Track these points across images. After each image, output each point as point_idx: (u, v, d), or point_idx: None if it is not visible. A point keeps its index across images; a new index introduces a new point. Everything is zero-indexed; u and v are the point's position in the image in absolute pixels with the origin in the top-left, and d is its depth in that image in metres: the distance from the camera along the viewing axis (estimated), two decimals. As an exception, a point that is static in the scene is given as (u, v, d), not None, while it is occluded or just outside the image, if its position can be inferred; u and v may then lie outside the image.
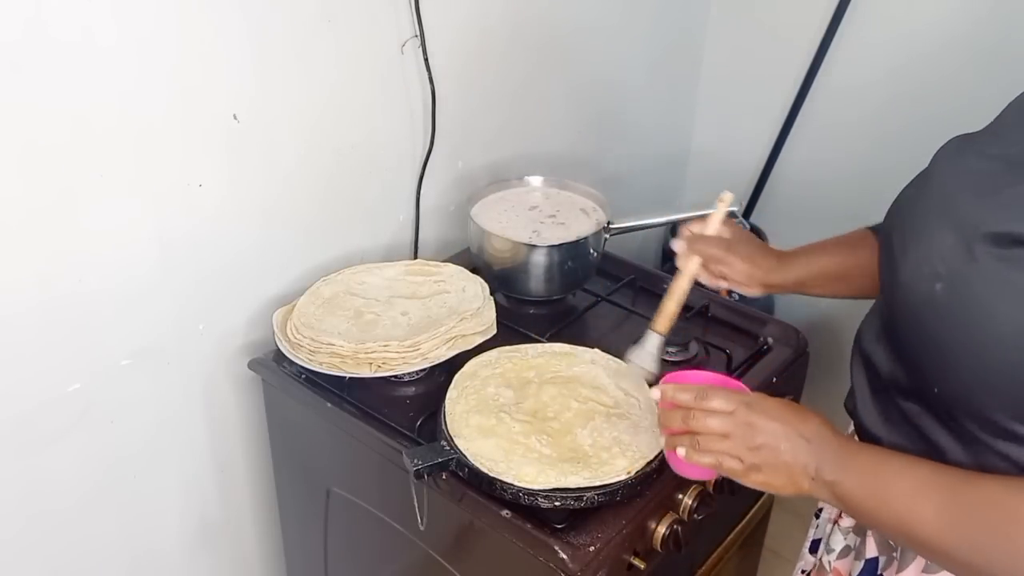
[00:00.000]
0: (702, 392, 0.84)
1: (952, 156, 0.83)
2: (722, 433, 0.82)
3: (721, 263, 1.04)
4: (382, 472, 1.11)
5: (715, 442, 0.82)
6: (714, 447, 0.82)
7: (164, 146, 1.09)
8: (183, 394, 1.24)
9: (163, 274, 1.14)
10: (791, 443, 0.79)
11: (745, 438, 0.81)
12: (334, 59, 1.24)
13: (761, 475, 0.81)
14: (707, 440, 0.83)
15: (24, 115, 0.95)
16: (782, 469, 0.80)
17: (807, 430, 0.80)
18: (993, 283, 0.70)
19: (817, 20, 1.83)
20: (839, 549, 0.97)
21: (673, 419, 0.86)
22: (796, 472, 0.79)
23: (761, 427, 0.80)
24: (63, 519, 1.17)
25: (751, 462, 0.81)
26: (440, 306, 1.24)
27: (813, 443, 0.79)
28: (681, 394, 0.85)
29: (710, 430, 0.82)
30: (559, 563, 0.92)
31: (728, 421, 0.82)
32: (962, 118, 0.97)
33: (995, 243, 0.71)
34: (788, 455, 0.79)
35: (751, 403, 0.82)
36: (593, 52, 1.72)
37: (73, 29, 0.96)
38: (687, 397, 0.85)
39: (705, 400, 0.83)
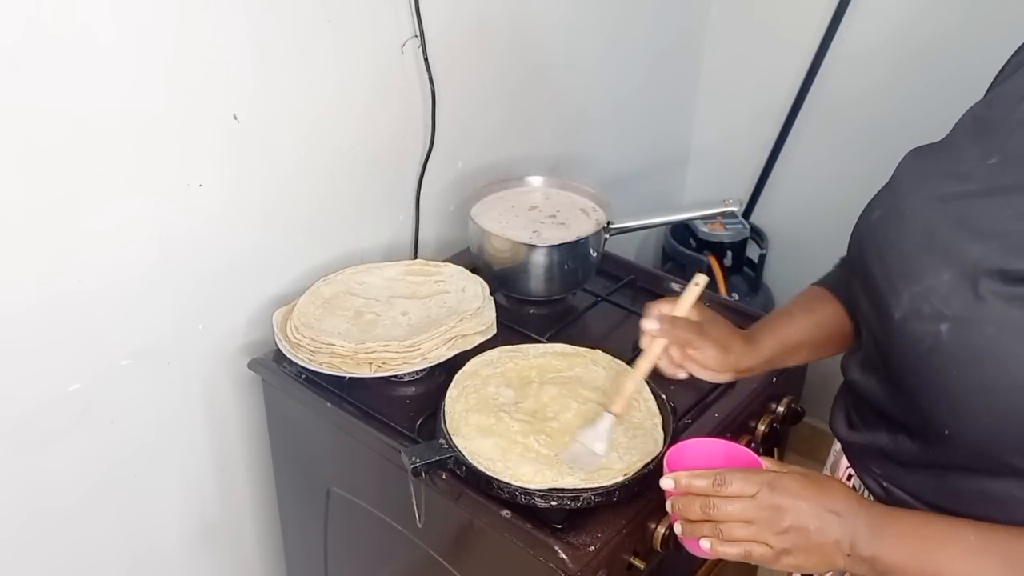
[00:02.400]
0: (720, 477, 0.80)
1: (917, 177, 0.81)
2: (745, 520, 0.78)
3: (692, 347, 0.95)
4: (382, 472, 1.11)
5: (739, 529, 0.78)
6: (739, 535, 0.78)
7: (164, 146, 1.09)
8: (183, 394, 1.25)
9: (163, 274, 1.15)
10: (820, 520, 0.76)
11: (771, 522, 0.77)
12: (334, 59, 1.24)
13: (792, 558, 0.78)
14: (730, 528, 0.79)
15: (24, 115, 0.95)
16: (815, 550, 0.77)
17: (835, 504, 0.77)
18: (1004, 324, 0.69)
19: (817, 20, 1.83)
20: None
21: (690, 507, 0.81)
22: (829, 551, 0.76)
23: (787, 508, 0.77)
24: (63, 519, 1.17)
25: (781, 547, 0.77)
26: (440, 306, 1.24)
27: (843, 517, 0.76)
28: (697, 481, 0.81)
29: (732, 517, 0.78)
30: (559, 563, 0.92)
31: (751, 506, 0.78)
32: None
33: (1002, 280, 0.69)
34: (819, 535, 0.76)
35: (773, 483, 0.78)
36: (593, 52, 1.72)
37: (73, 29, 0.96)
38: (704, 484, 0.80)
39: (724, 486, 0.79)
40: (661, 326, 0.94)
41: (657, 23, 1.86)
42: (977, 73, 1.71)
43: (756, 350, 0.97)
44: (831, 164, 1.95)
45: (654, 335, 0.94)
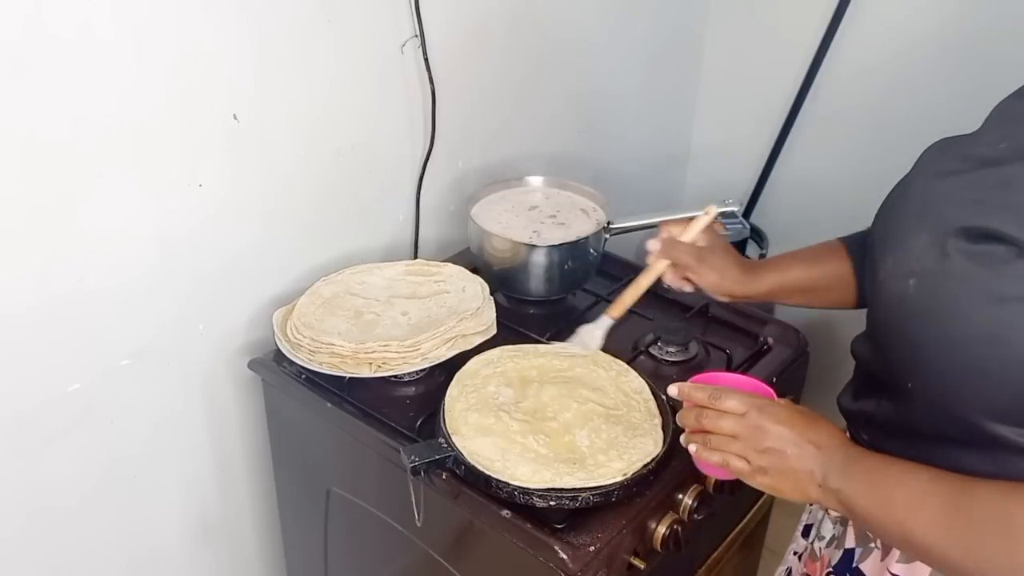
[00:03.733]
0: (716, 392, 0.85)
1: (933, 159, 0.85)
2: (731, 434, 0.84)
3: (690, 270, 1.07)
4: (382, 472, 1.11)
5: (725, 442, 0.84)
6: (723, 447, 0.84)
7: (164, 146, 1.09)
8: (183, 394, 1.25)
9: (163, 274, 1.15)
10: (799, 449, 0.80)
11: (753, 440, 0.82)
12: (334, 59, 1.24)
13: (768, 478, 0.82)
14: (717, 440, 0.85)
15: (24, 115, 0.95)
16: (789, 474, 0.81)
17: (817, 437, 0.81)
18: (963, 279, 0.71)
19: (817, 20, 1.83)
20: (828, 537, 0.98)
21: (687, 416, 0.88)
22: (803, 478, 0.80)
23: (770, 431, 0.82)
24: (63, 518, 1.17)
25: (758, 464, 0.82)
26: (440, 306, 1.24)
27: (822, 450, 0.80)
28: (696, 392, 0.87)
29: (719, 430, 0.84)
30: (559, 563, 0.92)
31: (739, 423, 0.83)
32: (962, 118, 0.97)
33: (966, 238, 0.72)
34: (795, 460, 0.80)
35: (763, 407, 0.83)
36: (593, 52, 1.73)
37: (73, 29, 0.96)
38: (702, 396, 0.86)
39: (718, 401, 0.85)
40: (663, 247, 1.07)
41: (657, 23, 1.86)
42: (978, 70, 1.72)
43: (754, 282, 1.06)
44: (831, 164, 1.95)
45: (657, 256, 1.08)
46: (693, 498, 1.06)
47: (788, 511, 1.75)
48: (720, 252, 1.08)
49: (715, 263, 1.06)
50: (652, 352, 1.26)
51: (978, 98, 0.91)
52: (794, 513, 1.76)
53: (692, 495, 1.06)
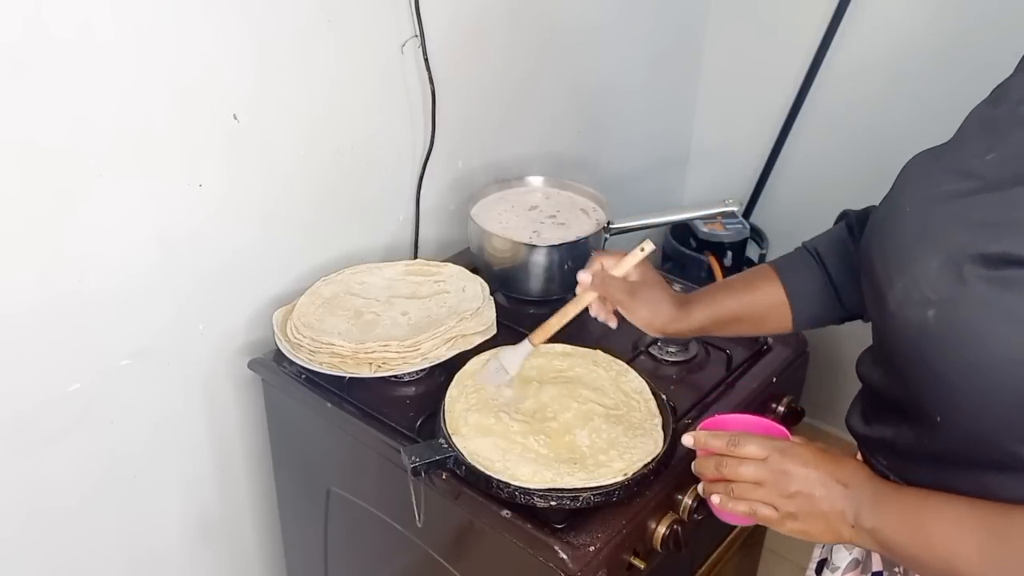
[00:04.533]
0: (735, 439, 0.83)
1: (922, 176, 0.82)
2: (755, 480, 0.81)
3: (621, 306, 1.01)
4: (382, 472, 1.11)
5: (749, 490, 0.82)
6: (748, 495, 0.82)
7: (164, 146, 1.09)
8: (183, 394, 1.25)
9: (163, 274, 1.15)
10: (827, 489, 0.78)
11: (779, 486, 0.80)
12: (334, 59, 1.24)
13: (798, 523, 0.80)
14: (741, 488, 0.82)
15: (24, 115, 0.95)
16: (819, 517, 0.79)
17: (843, 475, 0.79)
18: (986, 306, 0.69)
19: (817, 19, 1.83)
20: (844, 565, 0.96)
21: (706, 465, 0.85)
22: (834, 520, 0.79)
23: (795, 474, 0.79)
24: (63, 518, 1.17)
25: (787, 510, 0.80)
26: (440, 306, 1.24)
27: (851, 488, 0.78)
28: (713, 440, 0.85)
29: (742, 478, 0.82)
30: (559, 563, 0.92)
31: (762, 468, 0.81)
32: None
33: (984, 264, 0.70)
34: (824, 503, 0.78)
35: (785, 449, 0.81)
36: (593, 52, 1.73)
37: (73, 29, 0.96)
38: (719, 443, 0.84)
39: (737, 447, 0.83)
40: (594, 280, 1.00)
41: (657, 23, 1.86)
42: (978, 72, 1.71)
43: (686, 318, 1.01)
44: (831, 164, 1.95)
45: (584, 285, 1.01)
46: (693, 498, 1.06)
47: (788, 511, 1.75)
48: (653, 288, 1.01)
49: (647, 298, 1.00)
50: (652, 352, 1.26)
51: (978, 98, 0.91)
52: (794, 513, 1.76)
53: (692, 495, 1.06)
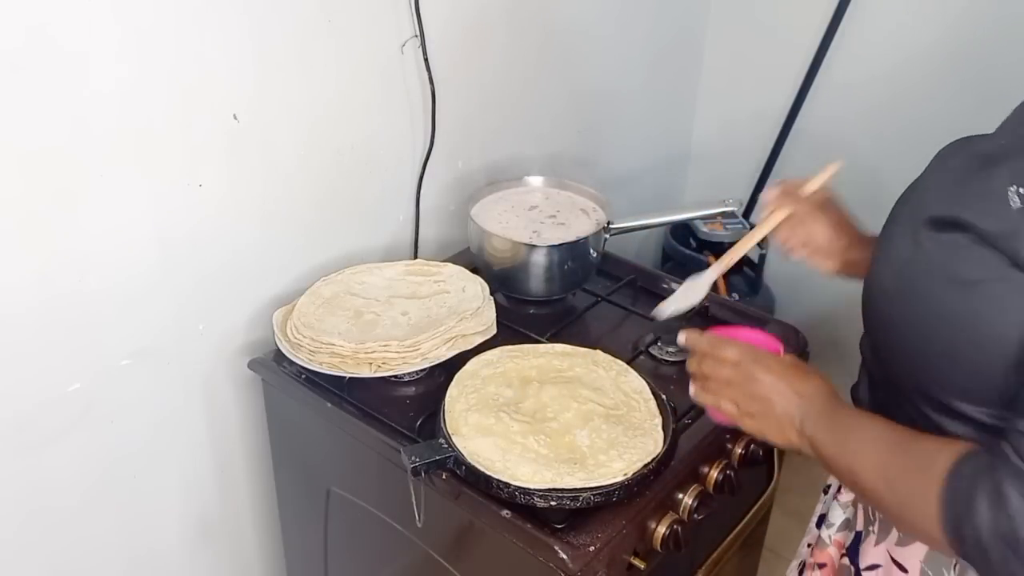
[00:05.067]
0: (717, 342, 0.92)
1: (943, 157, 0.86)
2: (726, 380, 0.90)
3: (806, 224, 1.04)
4: (382, 472, 1.11)
5: (720, 388, 0.91)
6: (717, 392, 0.91)
7: (164, 146, 1.09)
8: (183, 394, 1.25)
9: (163, 274, 1.15)
10: (784, 398, 0.86)
11: (744, 387, 0.89)
12: (334, 59, 1.24)
13: (754, 422, 0.89)
14: (713, 385, 0.92)
15: (24, 115, 0.95)
16: (772, 420, 0.87)
17: (802, 388, 0.86)
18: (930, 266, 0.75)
19: (817, 20, 1.83)
20: (838, 523, 1.00)
21: (691, 362, 0.95)
22: (784, 424, 0.86)
23: (760, 380, 0.87)
24: (63, 518, 1.17)
25: (747, 410, 0.89)
26: (440, 306, 1.24)
27: (804, 399, 0.85)
28: (700, 341, 0.94)
29: (715, 376, 0.91)
30: (559, 563, 0.92)
31: (733, 371, 0.89)
32: (962, 117, 0.97)
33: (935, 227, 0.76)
34: (779, 408, 0.86)
35: (758, 358, 0.89)
36: (593, 52, 1.73)
37: (74, 29, 0.96)
38: (704, 344, 0.93)
39: (717, 349, 0.91)
40: (780, 197, 1.04)
41: (657, 23, 1.86)
42: (978, 72, 1.72)
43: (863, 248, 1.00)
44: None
45: (771, 204, 1.04)
46: (693, 498, 1.06)
47: (788, 511, 1.75)
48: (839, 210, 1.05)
49: (834, 219, 1.03)
50: (652, 352, 1.26)
51: (977, 98, 0.92)
52: (795, 513, 1.76)
53: (692, 495, 1.06)
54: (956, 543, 0.70)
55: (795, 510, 1.85)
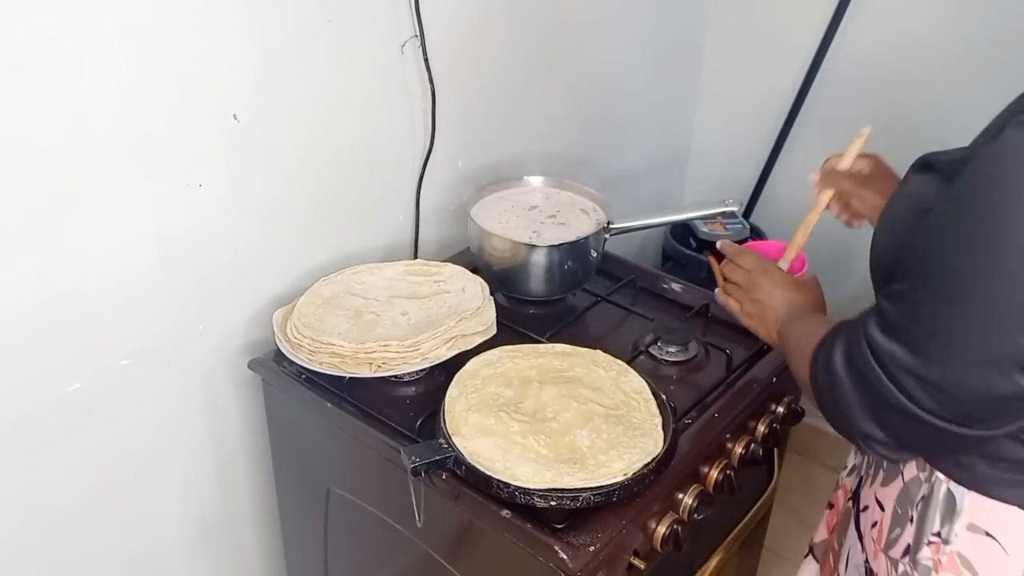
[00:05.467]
0: (740, 250, 1.11)
1: None
2: (736, 282, 1.09)
3: (855, 196, 1.11)
4: (382, 472, 1.11)
5: (732, 288, 1.10)
6: (730, 291, 1.11)
7: (164, 146, 1.09)
8: (183, 394, 1.25)
9: (163, 274, 1.15)
10: (775, 302, 1.03)
11: (749, 291, 1.07)
12: (334, 59, 1.24)
13: (751, 321, 1.08)
14: (728, 286, 1.11)
15: (24, 115, 0.95)
16: (762, 319, 1.05)
17: (793, 297, 1.03)
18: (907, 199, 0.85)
19: (817, 19, 1.83)
20: (849, 467, 1.08)
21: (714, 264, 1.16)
22: (770, 324, 1.04)
23: (762, 286, 1.05)
24: (63, 518, 1.17)
25: (747, 309, 1.08)
26: (440, 306, 1.24)
27: (789, 306, 1.02)
28: (728, 248, 1.12)
29: (731, 277, 1.10)
30: (559, 563, 0.92)
31: (744, 276, 1.08)
32: (962, 117, 0.97)
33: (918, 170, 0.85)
34: (769, 311, 1.04)
35: (768, 269, 1.07)
36: (593, 52, 1.73)
37: (74, 29, 0.96)
38: (730, 251, 1.12)
39: (738, 256, 1.10)
40: (823, 178, 1.13)
41: (657, 23, 1.86)
42: (977, 71, 1.72)
43: None
44: (831, 164, 1.95)
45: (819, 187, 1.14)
46: (693, 498, 1.06)
47: (788, 511, 1.75)
48: (885, 177, 1.10)
49: (877, 188, 1.09)
50: (652, 352, 1.26)
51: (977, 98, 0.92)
52: (795, 513, 1.77)
53: (692, 495, 1.06)
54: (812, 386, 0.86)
55: (795, 510, 1.85)
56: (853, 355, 0.81)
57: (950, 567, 0.85)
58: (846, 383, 0.81)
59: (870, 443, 0.82)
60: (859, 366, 0.80)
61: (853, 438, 0.84)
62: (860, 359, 0.79)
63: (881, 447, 0.82)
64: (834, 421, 0.85)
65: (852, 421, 0.82)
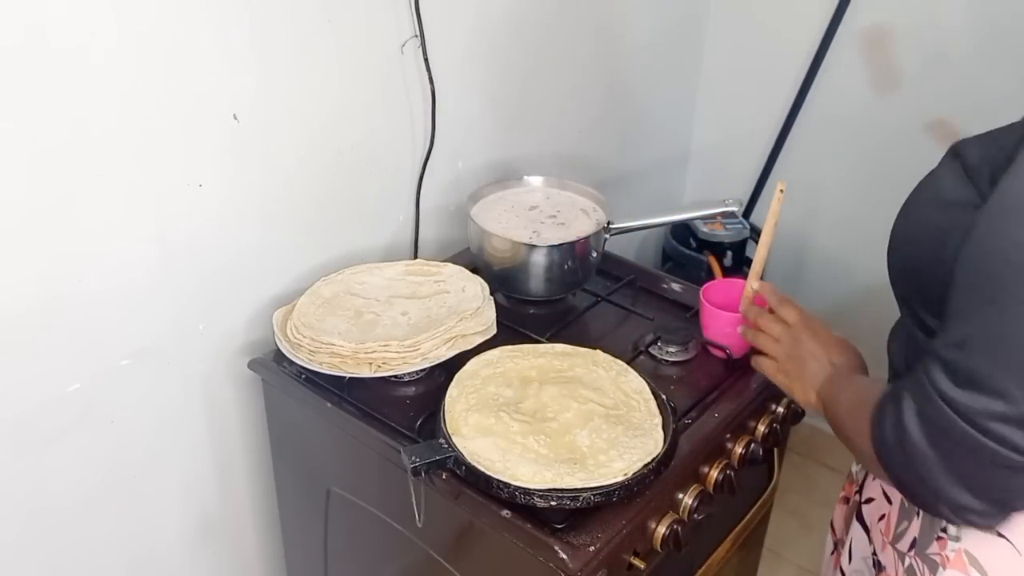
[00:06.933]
0: (783, 300, 1.04)
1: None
2: (776, 336, 1.03)
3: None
4: (382, 472, 1.11)
5: (768, 341, 1.04)
6: (765, 345, 1.04)
7: (164, 146, 1.09)
8: (183, 394, 1.25)
9: (163, 274, 1.15)
10: (817, 364, 0.96)
11: (788, 348, 1.00)
12: (334, 59, 1.24)
13: (786, 379, 1.01)
14: (764, 338, 1.05)
15: (25, 116, 0.95)
16: (800, 381, 0.98)
17: (837, 359, 0.96)
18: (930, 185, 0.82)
19: (817, 19, 1.84)
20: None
21: (749, 310, 1.09)
22: (808, 386, 0.97)
23: (804, 344, 0.98)
24: (63, 518, 1.17)
25: (784, 367, 1.01)
26: (440, 306, 1.24)
27: (832, 369, 0.95)
28: (772, 296, 1.06)
29: (769, 330, 1.04)
30: (559, 563, 0.92)
31: (784, 331, 1.02)
32: (962, 117, 0.97)
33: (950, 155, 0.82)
34: (809, 373, 0.97)
35: (809, 324, 1.00)
36: (593, 52, 1.73)
37: (74, 29, 0.96)
38: (774, 299, 1.05)
39: (781, 307, 1.04)
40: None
41: (657, 23, 1.86)
42: (977, 71, 1.71)
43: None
44: (831, 164, 1.95)
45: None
46: (693, 498, 1.06)
47: (788, 511, 1.75)
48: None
49: None
50: (652, 352, 1.26)
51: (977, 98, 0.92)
52: (795, 513, 1.77)
53: (692, 495, 1.06)
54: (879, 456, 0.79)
55: (795, 510, 1.85)
56: (928, 414, 0.74)
57: (957, 564, 0.83)
58: (923, 445, 0.74)
59: (963, 513, 0.75)
60: (939, 424, 0.73)
61: (939, 509, 0.77)
62: (938, 416, 0.73)
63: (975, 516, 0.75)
64: (914, 491, 0.78)
65: (938, 488, 0.75)
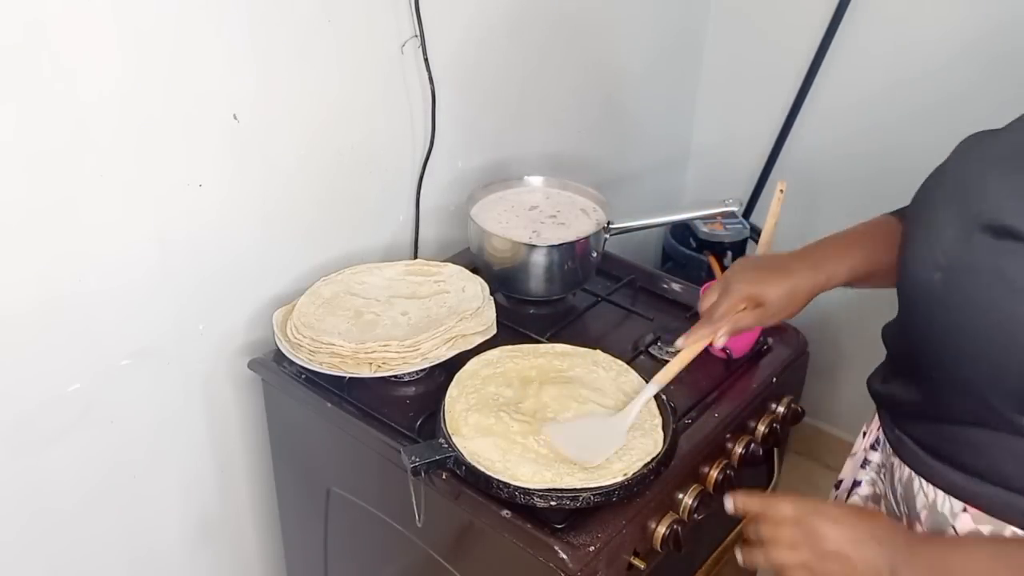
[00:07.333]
0: (768, 501, 0.84)
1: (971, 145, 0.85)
2: (789, 543, 0.81)
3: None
4: (382, 472, 1.11)
5: (785, 552, 0.82)
6: (785, 558, 0.82)
7: (164, 146, 1.09)
8: (183, 394, 1.25)
9: (163, 274, 1.15)
10: (862, 547, 0.78)
11: (813, 547, 0.80)
12: (334, 59, 1.24)
13: None
14: (777, 551, 0.82)
15: (25, 116, 0.95)
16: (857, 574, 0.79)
17: (876, 531, 0.79)
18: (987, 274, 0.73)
19: (817, 20, 1.83)
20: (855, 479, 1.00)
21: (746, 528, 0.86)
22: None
23: (828, 534, 0.79)
24: (63, 519, 1.17)
25: (823, 570, 0.80)
26: (440, 306, 1.24)
27: (884, 545, 0.78)
28: (750, 504, 0.86)
29: (777, 539, 0.82)
30: (559, 563, 0.92)
31: (797, 530, 0.81)
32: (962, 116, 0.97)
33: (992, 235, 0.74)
34: (860, 562, 0.78)
35: (817, 509, 0.81)
36: (593, 52, 1.73)
37: (74, 29, 0.96)
38: (756, 506, 0.85)
39: (770, 508, 0.83)
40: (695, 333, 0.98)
41: (657, 23, 1.86)
42: (977, 71, 1.71)
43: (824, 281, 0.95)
44: (831, 164, 1.95)
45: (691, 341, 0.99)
46: (693, 498, 1.06)
47: (788, 511, 1.75)
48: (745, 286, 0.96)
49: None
50: (652, 352, 1.26)
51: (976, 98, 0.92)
52: (794, 513, 1.76)
53: (692, 495, 1.06)
54: None
55: (795, 510, 1.85)
56: None
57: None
58: None
59: None
60: None
61: None
62: None
63: None
64: None
65: None
